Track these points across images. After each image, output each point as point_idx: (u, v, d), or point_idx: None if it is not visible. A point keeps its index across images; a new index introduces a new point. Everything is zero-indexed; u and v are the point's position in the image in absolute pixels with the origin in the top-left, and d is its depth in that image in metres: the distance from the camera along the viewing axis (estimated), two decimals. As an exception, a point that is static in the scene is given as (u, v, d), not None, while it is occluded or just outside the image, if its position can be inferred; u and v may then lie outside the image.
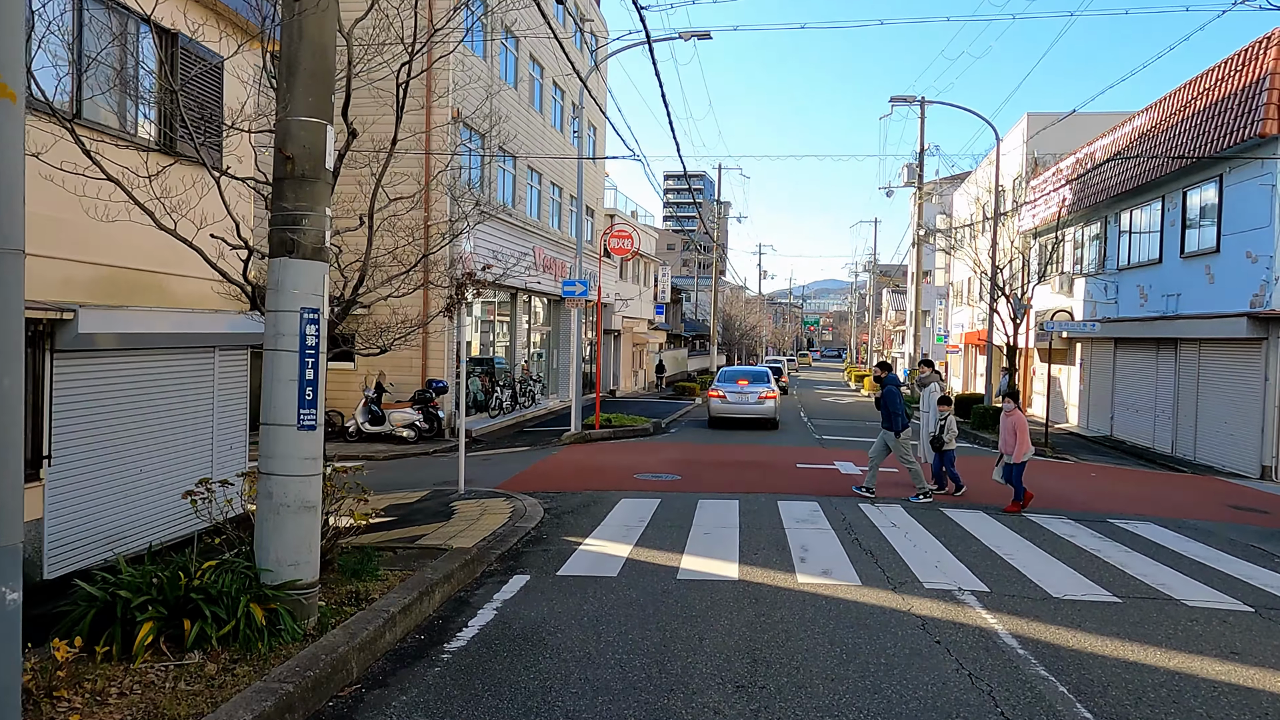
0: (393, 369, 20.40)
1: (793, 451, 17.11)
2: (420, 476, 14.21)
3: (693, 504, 10.69)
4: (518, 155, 24.72)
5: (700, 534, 8.94)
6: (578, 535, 8.89)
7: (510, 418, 23.52)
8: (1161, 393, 20.58)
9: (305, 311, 5.20)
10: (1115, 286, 23.32)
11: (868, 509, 10.54)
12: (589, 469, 14.01)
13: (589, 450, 17.02)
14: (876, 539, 8.85)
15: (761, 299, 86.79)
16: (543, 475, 13.45)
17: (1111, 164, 22.67)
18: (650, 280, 46.43)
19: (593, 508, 10.47)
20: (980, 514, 10.50)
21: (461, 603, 6.46)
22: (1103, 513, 11.03)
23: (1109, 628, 6.11)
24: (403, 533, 9.22)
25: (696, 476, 13.09)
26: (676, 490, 11.81)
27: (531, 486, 12.19)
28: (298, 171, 5.23)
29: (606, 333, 36.58)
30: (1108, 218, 23.93)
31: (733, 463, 14.83)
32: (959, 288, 47.85)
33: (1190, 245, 19.25)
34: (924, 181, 35.44)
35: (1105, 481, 14.53)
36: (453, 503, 11.06)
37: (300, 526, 5.18)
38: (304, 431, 5.20)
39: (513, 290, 24.65)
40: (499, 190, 23.87)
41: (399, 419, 19.03)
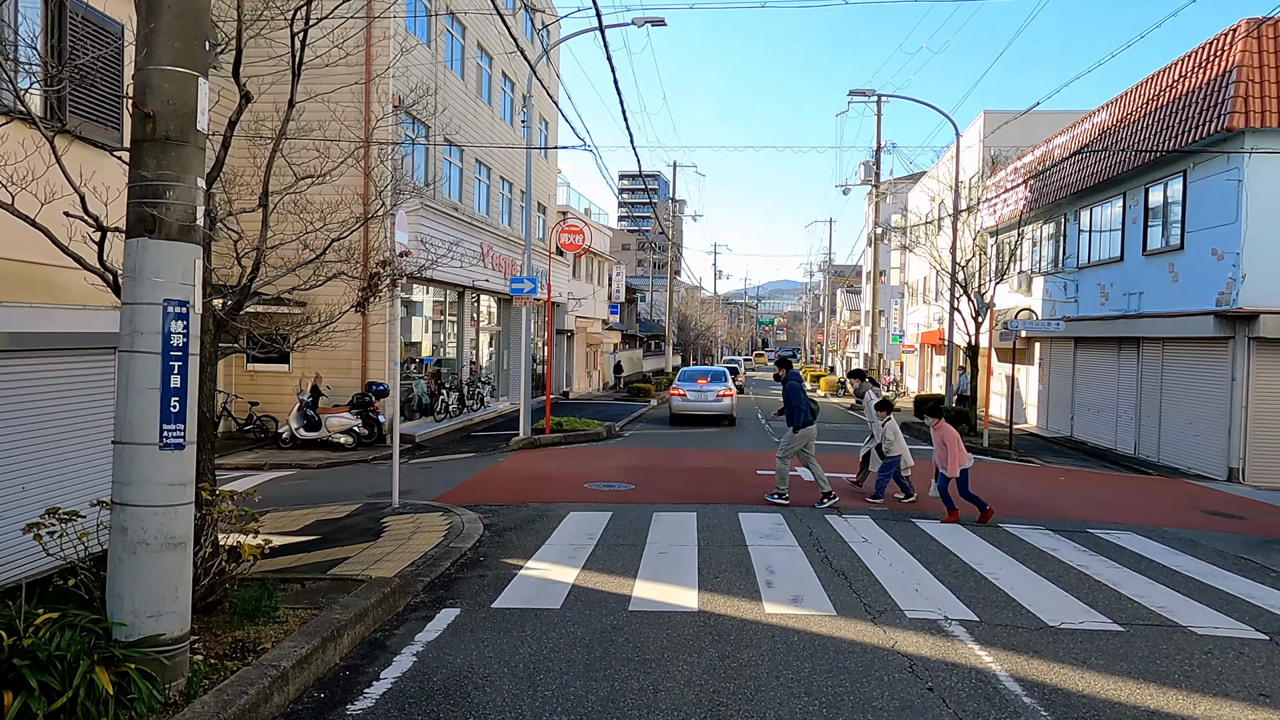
0: (330, 371, 19.27)
1: (752, 457, 16.35)
2: (355, 487, 13.18)
3: (647, 517, 9.84)
4: (463, 145, 23.68)
5: (655, 553, 8.09)
6: (519, 557, 7.97)
7: (458, 421, 22.47)
8: (1123, 393, 20.24)
9: (170, 304, 4.23)
10: (1075, 285, 22.99)
11: (835, 522, 9.78)
12: (537, 478, 13.08)
13: (538, 456, 16.08)
14: (848, 557, 8.08)
15: (717, 299, 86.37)
16: (487, 485, 12.50)
17: (1071, 161, 22.34)
18: (604, 279, 45.53)
19: (538, 523, 9.56)
20: (954, 526, 9.80)
21: (376, 647, 5.52)
22: (1080, 521, 10.41)
23: (1118, 664, 5.39)
24: (322, 556, 8.23)
25: (652, 485, 12.24)
26: (630, 501, 10.95)
27: (473, 498, 11.24)
28: (160, 132, 4.25)
29: (559, 333, 35.61)
30: (1067, 215, 23.61)
31: (690, 469, 14.01)
32: (915, 287, 47.73)
33: (1153, 243, 18.91)
34: (880, 180, 35.07)
35: (1076, 486, 13.99)
36: (385, 518, 10.07)
37: (163, 569, 4.21)
38: (168, 452, 4.23)
39: (460, 288, 23.59)
40: (445, 184, 22.81)
41: (336, 424, 17.90)
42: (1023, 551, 8.54)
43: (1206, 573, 7.98)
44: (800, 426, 11.21)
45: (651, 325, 65.41)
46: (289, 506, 11.61)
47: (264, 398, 19.31)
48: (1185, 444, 17.56)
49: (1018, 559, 8.20)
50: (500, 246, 25.26)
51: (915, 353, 46.68)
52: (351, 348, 19.19)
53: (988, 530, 9.55)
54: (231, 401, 19.15)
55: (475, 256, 23.16)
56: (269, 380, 19.46)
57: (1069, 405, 23.49)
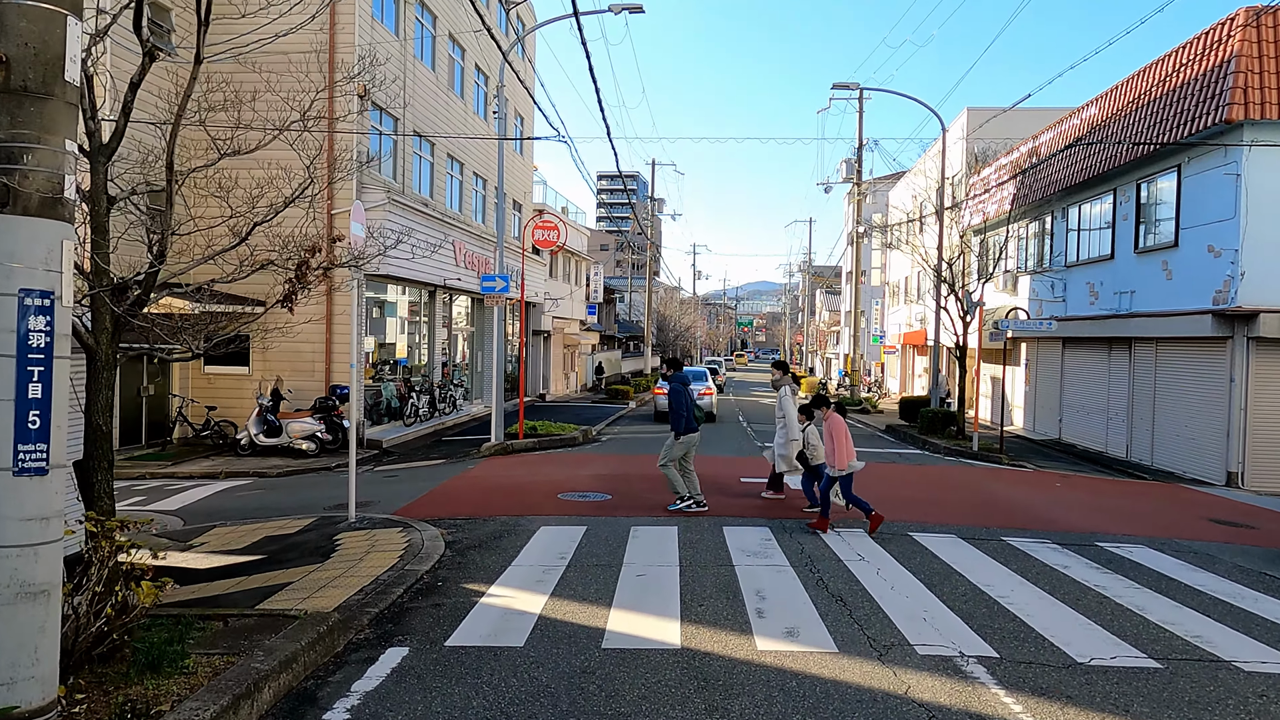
0: (293, 373, 18.36)
1: (734, 463, 15.61)
2: (313, 498, 12.32)
3: (625, 532, 9.07)
4: (434, 138, 22.81)
5: (632, 576, 7.32)
6: (481, 581, 7.18)
7: (428, 426, 21.59)
8: (1115, 394, 19.70)
9: (28, 295, 3.41)
10: (1063, 284, 22.46)
11: (828, 537, 9.04)
12: (507, 488, 12.27)
13: (510, 464, 15.26)
14: (845, 579, 7.35)
15: (696, 299, 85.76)
16: (453, 496, 11.68)
17: (1059, 157, 21.81)
18: (582, 280, 44.72)
19: (505, 540, 8.76)
20: (953, 538, 9.10)
21: (304, 700, 4.70)
22: (1087, 533, 9.74)
23: (1165, 712, 4.67)
24: (263, 580, 7.39)
25: (629, 495, 11.46)
26: (606, 514, 10.16)
27: (437, 511, 10.42)
28: (16, 82, 3.43)
29: (536, 334, 34.77)
30: (1054, 213, 23.09)
31: (670, 477, 13.23)
32: (896, 287, 47.28)
33: (1146, 240, 18.38)
34: (862, 178, 34.49)
35: (1073, 492, 13.35)
36: (339, 535, 9.23)
37: (17, 625, 3.39)
38: (25, 479, 3.41)
39: (431, 288, 22.72)
40: (415, 179, 21.93)
41: (297, 430, 16.99)
42: (1033, 570, 7.84)
43: (1233, 593, 7.32)
44: (682, 433, 10.54)
45: (630, 326, 64.64)
46: (240, 520, 10.75)
47: (222, 402, 18.35)
48: (1181, 447, 17.02)
49: (1029, 579, 7.50)
50: (473, 244, 24.41)
51: (897, 353, 46.21)
52: (315, 349, 18.32)
53: (993, 545, 8.85)
54: (188, 406, 18.19)
55: (447, 254, 22.31)
56: (228, 383, 18.52)
57: (1057, 407, 22.96)
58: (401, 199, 19.23)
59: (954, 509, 11.08)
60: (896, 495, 12.02)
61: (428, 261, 20.90)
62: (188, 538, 10.05)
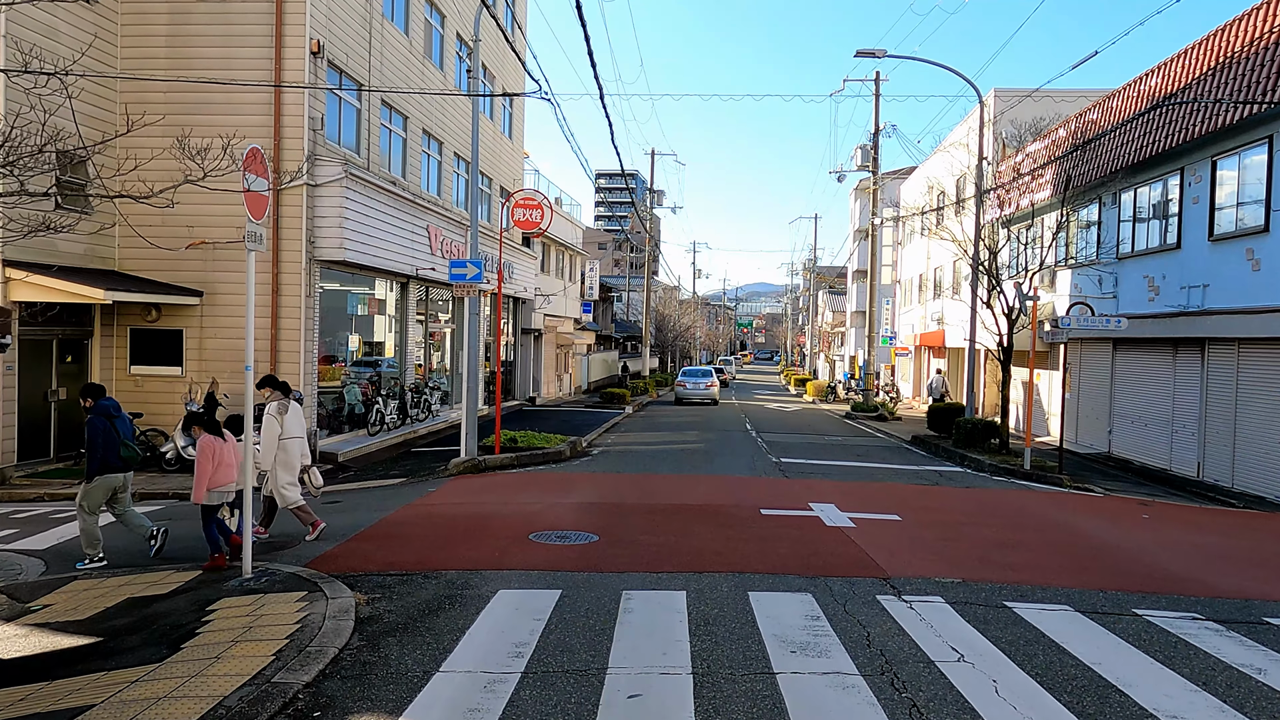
0: (234, 374, 15.78)
1: (751, 486, 13.06)
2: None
3: (613, 602, 6.53)
4: (406, 111, 20.23)
5: (621, 698, 4.76)
6: (391, 704, 4.63)
7: (397, 434, 19.03)
8: (1182, 404, 17.16)
9: None
10: (1114, 278, 19.93)
11: (902, 615, 6.48)
12: (467, 523, 9.70)
13: (479, 486, 12.70)
14: (939, 689, 4.81)
15: (696, 299, 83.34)
16: (396, 535, 9.12)
17: (1111, 136, 19.28)
18: (576, 276, 42.15)
19: (445, 616, 6.22)
20: (1069, 613, 6.56)
21: None
22: (1239, 599, 7.18)
23: None
24: (59, 693, 4.85)
25: (621, 536, 8.91)
26: (590, 567, 7.62)
27: (368, 561, 7.88)
28: None
29: (525, 332, 32.22)
30: (1103, 199, 20.56)
31: (672, 508, 10.67)
32: (909, 285, 44.73)
33: (1223, 225, 15.84)
34: (878, 166, 31.96)
35: (1173, 529, 10.81)
36: (218, 602, 6.69)
37: None
38: None
39: (403, 278, 20.15)
40: (384, 155, 19.36)
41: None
42: (1215, 674, 5.30)
43: None
44: (95, 474, 8.43)
45: (628, 326, 62.13)
46: (113, 568, 8.22)
47: (152, 407, 15.77)
48: (1271, 467, 14.49)
49: (1196, 681, 4.99)
50: (453, 231, 21.85)
51: (909, 355, 43.66)
52: (259, 346, 15.73)
53: (1132, 626, 6.29)
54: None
55: (421, 241, 19.75)
56: (158, 385, 15.93)
57: (1106, 417, 20.42)
58: (364, 175, 16.67)
59: (1045, 557, 8.53)
60: (966, 535, 9.48)
61: (397, 248, 18.37)
62: (33, 594, 7.50)
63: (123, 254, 15.85)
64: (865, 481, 13.95)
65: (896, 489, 13.22)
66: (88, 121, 13.55)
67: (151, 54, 15.60)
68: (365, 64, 17.90)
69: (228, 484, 8.22)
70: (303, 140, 15.50)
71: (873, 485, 13.54)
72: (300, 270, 15.61)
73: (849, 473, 14.97)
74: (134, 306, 15.66)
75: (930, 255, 38.48)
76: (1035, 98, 23.86)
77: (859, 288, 62.96)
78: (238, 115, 15.52)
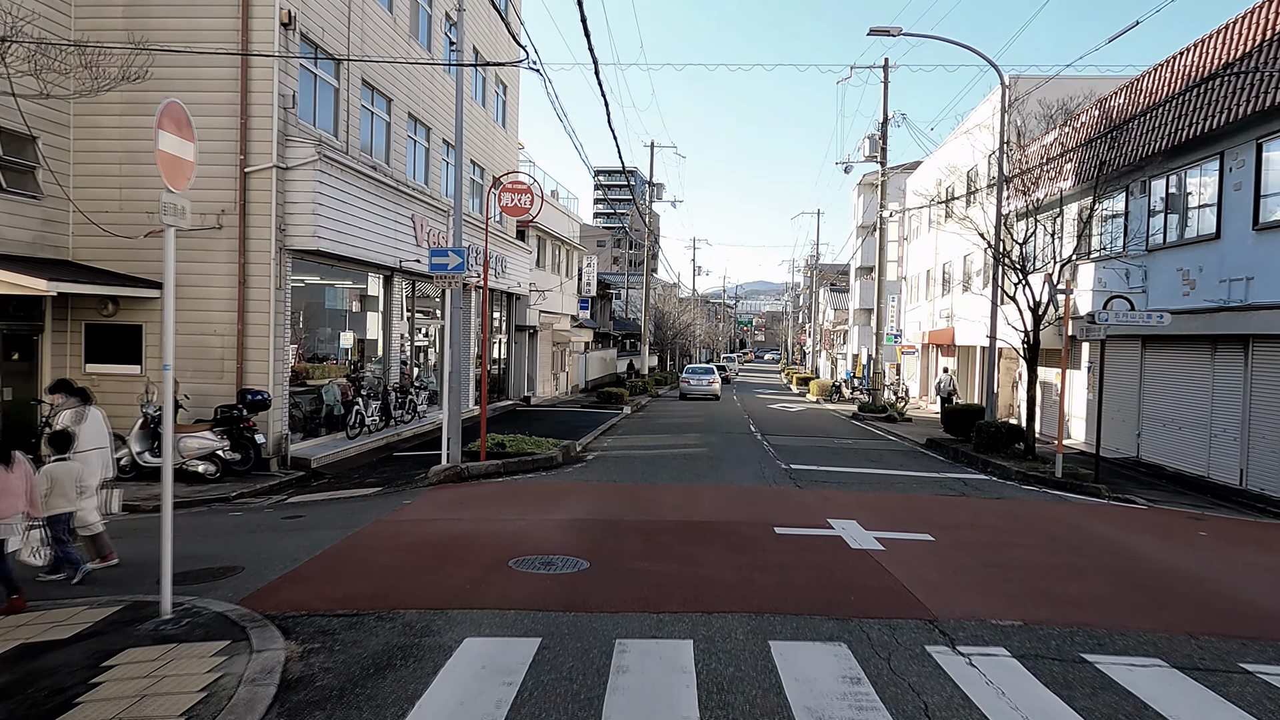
0: (197, 373, 14.55)
1: (761, 499, 11.82)
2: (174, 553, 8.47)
3: (604, 655, 5.31)
4: (390, 93, 18.95)
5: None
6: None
7: (379, 437, 17.81)
8: (1222, 405, 15.93)
9: None
10: (1143, 271, 18.71)
11: (953, 665, 5.25)
12: (438, 546, 8.46)
13: (458, 498, 11.45)
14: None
15: (695, 296, 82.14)
16: (353, 561, 7.87)
17: (1139, 120, 18.05)
18: (574, 271, 40.89)
19: (394, 674, 4.99)
20: (1164, 670, 5.34)
21: None
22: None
23: None
24: None
25: (615, 563, 7.68)
26: (576, 605, 6.39)
27: (314, 595, 6.65)
28: None
29: (520, 329, 30.98)
30: (1129, 188, 19.33)
31: (674, 526, 9.43)
32: (915, 282, 43.49)
33: (1271, 213, 14.63)
34: (886, 157, 30.71)
35: (1241, 550, 9.56)
36: (119, 654, 5.46)
37: None
38: None
39: (387, 270, 18.90)
40: (365, 139, 18.11)
41: (193, 447, 13.18)
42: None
43: None
44: None
45: (627, 324, 60.91)
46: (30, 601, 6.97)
47: (109, 409, 14.31)
48: (1328, 476, 13.27)
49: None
50: (441, 222, 20.59)
51: (916, 353, 42.42)
52: (225, 344, 14.51)
53: (1247, 690, 5.06)
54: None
55: (406, 231, 18.51)
56: (115, 386, 14.66)
57: (1134, 419, 19.19)
58: (340, 158, 15.42)
59: (1110, 589, 7.31)
60: (1012, 559, 8.24)
61: (379, 238, 17.12)
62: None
63: (77, 243, 14.60)
64: (885, 492, 12.72)
65: (921, 501, 12.00)
66: (36, 102, 12.28)
67: (109, 23, 14.35)
68: (344, 40, 16.65)
69: (10, 515, 6.75)
70: (272, 119, 14.25)
71: (894, 497, 12.31)
72: (269, 260, 14.36)
73: (866, 482, 13.73)
74: (89, 300, 14.41)
75: (938, 250, 37.23)
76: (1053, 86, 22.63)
77: (862, 284, 61.72)
78: (201, 92, 14.28)
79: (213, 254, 14.43)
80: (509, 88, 29.29)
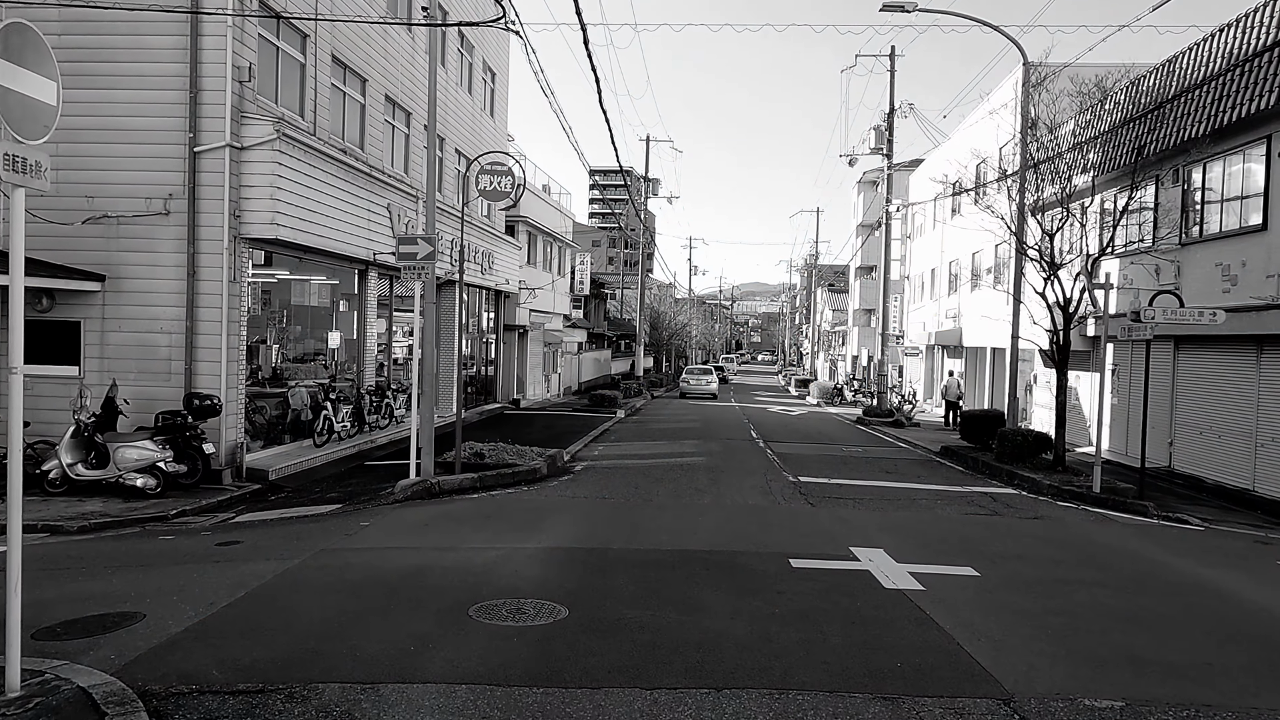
0: (142, 374, 13.12)
1: (770, 520, 10.41)
2: (75, 590, 7.02)
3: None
4: (363, 72, 17.48)
5: None
6: None
7: (350, 445, 16.38)
8: (1270, 412, 14.55)
9: None
10: (1176, 267, 17.34)
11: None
12: (387, 584, 7.02)
13: (425, 519, 10.01)
14: None
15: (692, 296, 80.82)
16: (278, 610, 6.43)
17: (1176, 103, 16.69)
18: (566, 269, 39.47)
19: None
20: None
21: None
22: None
23: None
24: None
25: (600, 612, 6.25)
26: (548, 678, 4.97)
27: (216, 660, 5.22)
28: None
29: (509, 328, 29.57)
30: (1160, 178, 17.96)
31: (673, 559, 8.00)
32: (919, 281, 42.11)
33: (1329, 201, 13.27)
34: (892, 149, 29.34)
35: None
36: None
37: None
38: None
39: (360, 264, 17.46)
40: (336, 122, 16.67)
41: (131, 458, 11.74)
42: None
43: None
44: None
45: (622, 324, 59.49)
46: None
47: (44, 414, 12.94)
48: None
49: None
50: (423, 214, 19.12)
51: (919, 355, 41.06)
52: (173, 341, 13.07)
53: None
54: None
55: (381, 222, 17.07)
56: (51, 389, 13.14)
57: (1166, 426, 17.80)
58: (305, 138, 13.99)
59: (1214, 648, 5.91)
60: (1080, 603, 6.84)
61: (349, 228, 15.70)
62: None
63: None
64: (908, 510, 11.33)
65: (951, 522, 10.61)
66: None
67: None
68: (311, 8, 15.20)
69: None
70: (225, 93, 12.81)
71: (920, 517, 10.91)
72: (222, 250, 12.93)
73: (885, 497, 12.33)
74: (20, 293, 12.94)
75: (944, 248, 35.86)
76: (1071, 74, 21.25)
77: (863, 284, 60.38)
78: (146, 63, 12.89)
79: (159, 242, 12.99)
80: (497, 75, 27.87)
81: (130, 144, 12.98)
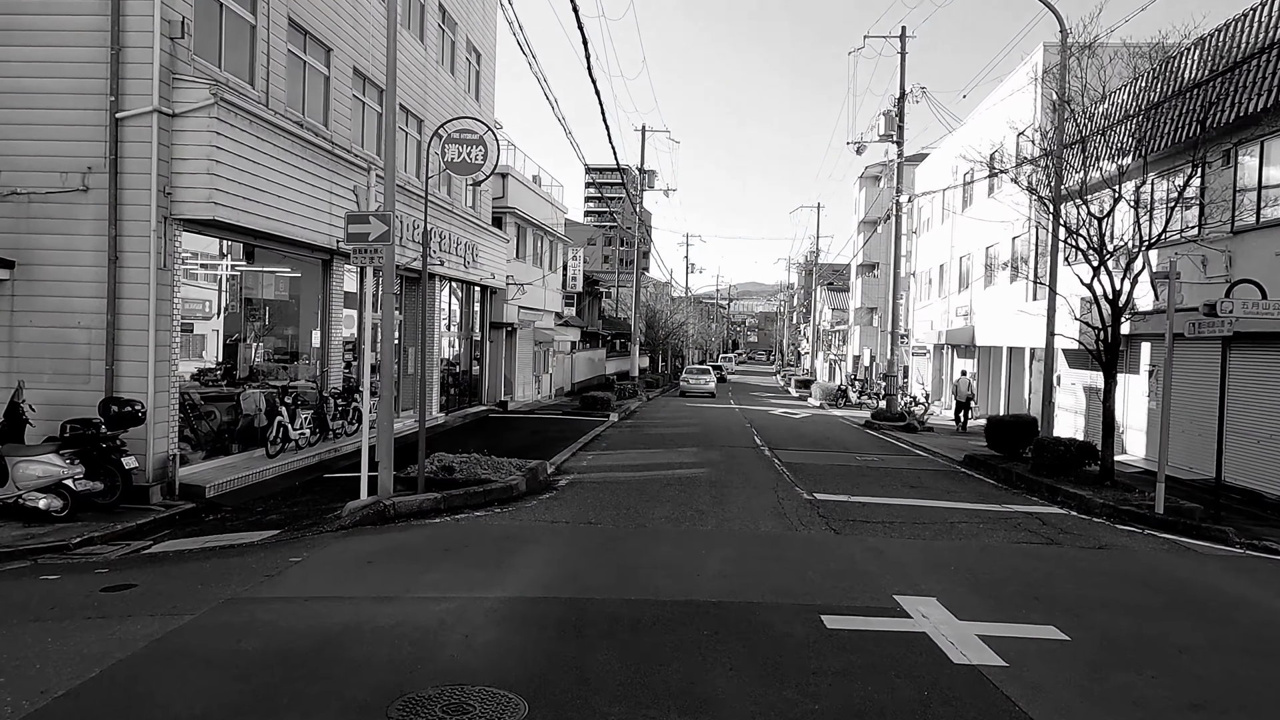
0: (57, 375, 11.36)
1: (789, 554, 8.67)
2: None
3: None
4: (325, 38, 15.69)
5: None
6: None
7: (309, 455, 14.62)
8: (1347, 421, 12.88)
9: None
10: (1226, 257, 15.65)
11: None
12: (285, 663, 5.26)
13: (367, 553, 8.24)
14: None
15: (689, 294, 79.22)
16: (114, 712, 4.70)
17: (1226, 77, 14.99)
18: (558, 264, 37.70)
19: None
20: None
21: None
22: None
23: None
24: None
25: (572, 711, 4.52)
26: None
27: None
28: None
29: (496, 326, 27.81)
30: (1208, 161, 16.25)
31: (672, 616, 6.24)
32: (925, 279, 40.43)
33: None
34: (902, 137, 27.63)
35: None
36: None
37: None
38: None
39: (324, 253, 15.68)
40: (296, 94, 14.90)
41: (32, 475, 9.95)
42: None
43: None
44: None
45: (617, 323, 57.72)
46: None
47: (-56, 422, 11.27)
48: None
49: None
50: (400, 200, 17.34)
51: (927, 355, 39.40)
52: (93, 338, 11.29)
53: None
54: None
55: (345, 206, 15.30)
56: (-49, 393, 11.43)
57: (1213, 434, 16.05)
58: (251, 106, 12.22)
59: None
60: (1218, 680, 5.17)
61: (306, 211, 13.95)
62: None
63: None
64: (948, 538, 9.60)
65: (1005, 555, 8.89)
66: None
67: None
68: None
69: None
70: (153, 50, 11.03)
71: (964, 546, 9.19)
72: (149, 232, 11.15)
73: (917, 520, 10.60)
74: (-87, 282, 11.18)
75: (954, 243, 34.18)
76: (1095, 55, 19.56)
77: (864, 282, 58.72)
78: (59, 15, 11.14)
79: (76, 223, 11.21)
80: (483, 57, 26.09)
81: (42, 109, 11.22)
